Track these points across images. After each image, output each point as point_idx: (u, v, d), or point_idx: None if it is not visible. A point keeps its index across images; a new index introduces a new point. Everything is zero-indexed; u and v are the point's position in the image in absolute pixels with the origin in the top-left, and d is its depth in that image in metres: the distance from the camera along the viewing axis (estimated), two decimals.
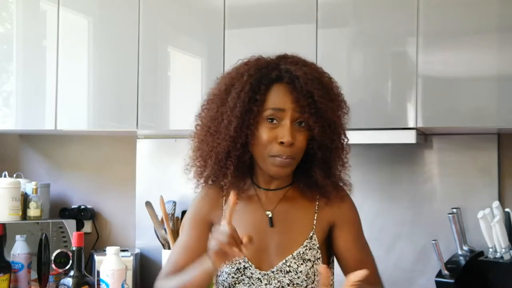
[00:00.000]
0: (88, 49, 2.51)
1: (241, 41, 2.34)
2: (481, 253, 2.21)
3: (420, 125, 2.10)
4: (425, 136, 2.37)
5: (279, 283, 1.43)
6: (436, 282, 2.15)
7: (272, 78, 1.42)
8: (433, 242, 2.14)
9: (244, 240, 1.26)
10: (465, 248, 2.22)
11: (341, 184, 1.50)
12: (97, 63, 2.51)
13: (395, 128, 2.12)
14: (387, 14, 2.17)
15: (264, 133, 1.40)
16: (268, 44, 2.26)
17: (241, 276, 1.44)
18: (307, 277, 1.43)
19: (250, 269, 1.44)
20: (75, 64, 2.52)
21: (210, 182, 1.53)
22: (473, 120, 2.07)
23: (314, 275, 1.43)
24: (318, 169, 1.44)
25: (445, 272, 2.12)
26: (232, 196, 1.31)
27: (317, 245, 1.46)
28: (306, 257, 1.44)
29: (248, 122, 1.40)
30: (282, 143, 1.38)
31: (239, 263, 1.44)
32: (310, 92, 1.39)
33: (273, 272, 1.43)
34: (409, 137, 2.09)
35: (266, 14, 2.32)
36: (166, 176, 2.74)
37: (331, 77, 1.49)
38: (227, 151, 1.43)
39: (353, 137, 2.16)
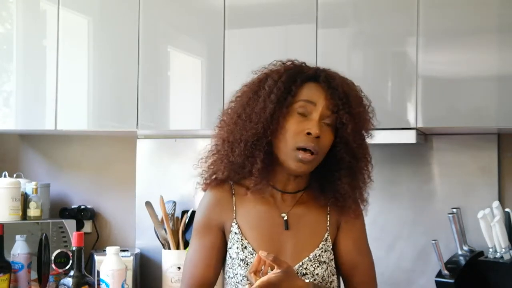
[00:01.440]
0: (88, 49, 2.51)
1: (241, 41, 2.34)
2: (481, 253, 2.21)
3: (420, 125, 2.10)
4: (425, 136, 2.37)
5: None
6: (436, 282, 2.15)
7: (309, 75, 1.44)
8: (433, 242, 2.14)
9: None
10: (465, 248, 2.22)
11: (359, 200, 1.51)
12: (97, 63, 2.51)
13: (395, 128, 2.12)
14: (387, 14, 2.17)
15: (293, 124, 1.40)
16: (268, 44, 2.27)
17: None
18: (322, 280, 1.42)
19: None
20: (75, 64, 2.52)
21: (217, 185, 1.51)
22: (473, 120, 2.07)
23: (328, 277, 1.43)
24: (344, 176, 1.44)
25: (445, 272, 2.13)
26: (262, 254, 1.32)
27: (331, 247, 1.46)
28: (322, 259, 1.44)
29: (280, 111, 1.39)
30: (309, 134, 1.38)
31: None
32: (346, 93, 1.41)
33: None
34: (409, 137, 2.09)
35: (266, 14, 2.32)
36: (166, 176, 2.74)
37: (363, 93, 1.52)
38: (257, 138, 1.40)
39: None
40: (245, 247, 1.44)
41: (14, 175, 2.66)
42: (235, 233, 1.46)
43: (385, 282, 2.42)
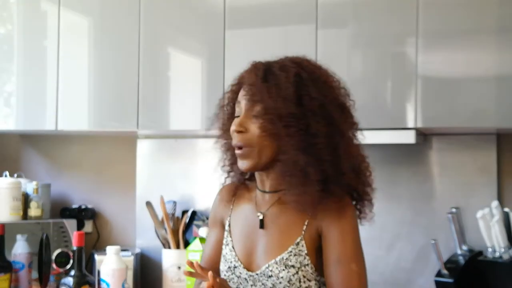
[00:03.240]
0: (88, 49, 2.52)
1: (241, 41, 2.34)
2: (480, 253, 2.21)
3: (419, 125, 2.10)
4: (424, 136, 2.38)
5: (263, 286, 1.42)
6: (436, 281, 2.16)
7: (243, 76, 1.49)
8: (433, 241, 2.15)
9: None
10: (464, 247, 2.23)
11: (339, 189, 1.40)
12: (97, 63, 2.52)
13: (395, 128, 2.12)
14: (387, 14, 2.17)
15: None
16: (268, 44, 2.28)
17: (232, 274, 1.45)
18: (289, 283, 1.39)
19: (239, 268, 1.45)
20: (75, 64, 2.52)
21: (230, 175, 1.57)
22: (472, 120, 2.08)
23: (300, 281, 1.39)
24: (280, 167, 1.39)
25: (445, 271, 2.13)
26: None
27: (305, 252, 1.40)
28: (290, 263, 1.40)
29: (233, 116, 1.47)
30: (232, 131, 1.43)
31: (231, 262, 1.46)
32: (254, 78, 1.41)
33: (257, 274, 1.43)
34: (409, 137, 2.09)
35: (266, 14, 2.33)
36: (167, 176, 2.75)
37: (297, 61, 1.43)
38: (231, 150, 1.48)
39: None
40: (228, 244, 1.49)
41: (15, 175, 2.66)
42: (226, 230, 1.51)
43: (384, 281, 2.43)
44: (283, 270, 1.40)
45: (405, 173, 2.44)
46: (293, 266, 1.40)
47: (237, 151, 1.42)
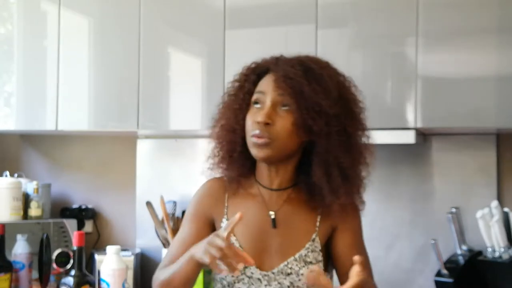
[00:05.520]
0: (89, 50, 2.52)
1: (241, 41, 2.34)
2: (480, 253, 2.21)
3: (419, 125, 2.10)
4: (424, 136, 2.38)
5: (279, 285, 1.42)
6: (435, 281, 2.16)
7: (263, 70, 1.47)
8: (432, 241, 2.15)
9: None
10: (464, 247, 2.23)
11: (347, 193, 1.45)
12: (97, 63, 2.52)
13: (395, 128, 2.12)
14: (387, 14, 2.17)
15: (249, 116, 1.43)
16: (268, 44, 2.28)
17: (241, 275, 1.44)
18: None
19: (250, 268, 1.44)
20: (76, 64, 2.52)
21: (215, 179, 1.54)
22: (472, 120, 2.08)
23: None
24: (315, 166, 1.41)
25: (444, 271, 2.13)
26: (238, 215, 1.31)
27: (319, 248, 1.46)
28: (308, 260, 1.44)
29: (244, 111, 1.44)
30: (258, 122, 1.39)
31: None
32: (289, 72, 1.39)
33: (273, 273, 1.43)
34: (409, 137, 2.09)
35: (266, 14, 2.33)
36: (167, 176, 2.75)
37: (330, 68, 1.48)
38: (232, 142, 1.46)
39: None
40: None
41: (15, 175, 2.66)
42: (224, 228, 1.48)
43: (384, 281, 2.43)
44: (303, 266, 1.43)
45: (405, 173, 2.44)
46: (311, 262, 1.43)
47: (255, 140, 1.39)
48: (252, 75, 1.46)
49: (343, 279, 1.51)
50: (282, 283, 1.42)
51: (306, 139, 1.41)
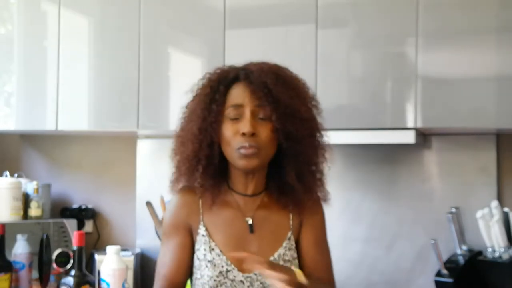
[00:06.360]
0: (89, 49, 2.52)
1: (241, 41, 2.34)
2: (480, 253, 2.21)
3: (419, 125, 2.10)
4: (424, 136, 2.38)
5: (261, 285, 1.45)
6: (435, 281, 2.16)
7: (230, 78, 1.48)
8: (432, 241, 2.15)
9: None
10: (464, 247, 2.23)
11: (315, 188, 1.52)
12: (98, 63, 2.52)
13: (395, 128, 2.13)
14: (387, 14, 2.17)
15: (227, 129, 1.44)
16: (268, 44, 2.28)
17: (224, 279, 1.46)
18: None
19: (232, 272, 1.46)
20: (76, 64, 2.52)
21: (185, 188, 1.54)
22: (472, 120, 2.08)
23: None
24: (289, 167, 1.46)
25: (444, 271, 2.13)
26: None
27: (294, 245, 1.51)
28: (286, 258, 1.48)
29: (210, 121, 1.45)
30: (244, 134, 1.41)
31: (222, 266, 1.46)
32: (265, 83, 1.43)
33: (256, 274, 1.45)
34: (409, 137, 2.10)
35: (266, 14, 2.33)
36: (167, 176, 2.72)
37: (295, 74, 1.52)
38: (195, 153, 1.47)
39: (353, 138, 2.19)
40: (213, 249, 1.47)
41: (15, 175, 2.66)
42: (202, 235, 1.49)
43: (384, 281, 2.43)
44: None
45: (405, 173, 2.44)
46: (288, 261, 1.48)
47: (244, 151, 1.42)
48: (221, 86, 1.47)
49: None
50: (264, 283, 1.45)
51: (284, 144, 1.45)
